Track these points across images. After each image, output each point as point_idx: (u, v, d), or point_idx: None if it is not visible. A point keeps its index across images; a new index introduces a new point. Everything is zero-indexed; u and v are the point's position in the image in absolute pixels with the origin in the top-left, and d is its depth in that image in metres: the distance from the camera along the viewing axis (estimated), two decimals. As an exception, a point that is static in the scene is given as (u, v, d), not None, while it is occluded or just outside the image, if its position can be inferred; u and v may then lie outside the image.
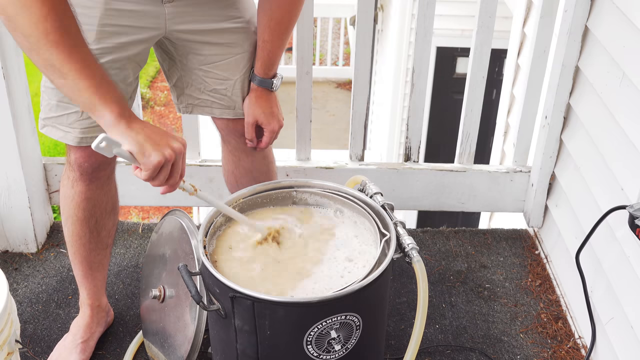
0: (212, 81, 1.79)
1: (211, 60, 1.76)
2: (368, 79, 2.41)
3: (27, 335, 2.11)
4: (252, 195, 1.75)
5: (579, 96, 2.25)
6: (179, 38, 1.72)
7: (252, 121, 1.83)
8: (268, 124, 1.83)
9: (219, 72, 1.78)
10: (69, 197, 1.84)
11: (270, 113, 1.83)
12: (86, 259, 1.94)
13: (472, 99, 2.43)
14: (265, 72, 1.80)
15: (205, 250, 1.57)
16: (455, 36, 5.66)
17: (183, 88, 1.83)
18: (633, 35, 1.87)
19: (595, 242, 2.04)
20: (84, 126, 1.69)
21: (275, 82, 1.81)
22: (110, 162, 1.83)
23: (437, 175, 2.52)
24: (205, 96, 1.82)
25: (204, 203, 2.54)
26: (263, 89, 1.81)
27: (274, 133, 1.85)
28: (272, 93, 1.83)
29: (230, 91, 1.81)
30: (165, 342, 1.89)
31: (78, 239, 1.90)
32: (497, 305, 2.30)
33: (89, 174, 1.79)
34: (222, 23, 1.72)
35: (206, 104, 1.84)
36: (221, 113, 1.85)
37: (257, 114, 1.82)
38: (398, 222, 1.63)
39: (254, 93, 1.82)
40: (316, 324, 1.45)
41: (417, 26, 2.30)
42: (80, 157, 1.75)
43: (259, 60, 1.78)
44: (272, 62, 1.79)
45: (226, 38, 1.74)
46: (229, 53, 1.76)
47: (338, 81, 9.76)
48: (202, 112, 1.86)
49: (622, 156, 1.92)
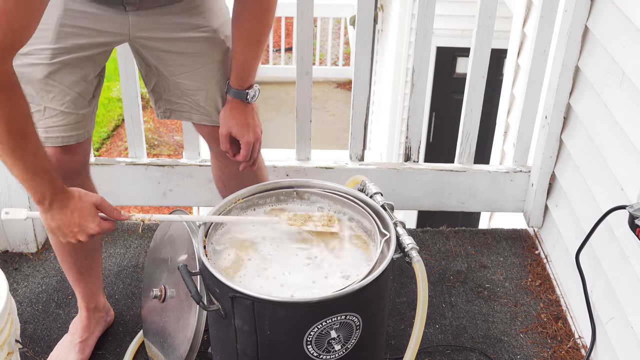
0: (185, 91, 1.78)
1: (179, 70, 1.74)
2: (368, 79, 2.41)
3: (27, 335, 2.11)
4: (251, 195, 1.75)
5: (578, 96, 2.25)
6: (145, 46, 1.70)
7: (225, 133, 1.79)
8: (242, 136, 1.78)
9: (189, 82, 1.76)
10: None
11: (245, 125, 1.78)
12: (74, 265, 1.93)
13: (472, 99, 2.42)
14: (239, 84, 1.76)
15: (205, 250, 1.57)
16: (455, 36, 5.66)
17: (161, 93, 1.81)
18: (633, 35, 1.87)
19: (595, 242, 2.04)
20: (47, 125, 1.67)
21: (250, 94, 1.78)
22: (79, 170, 1.80)
23: (437, 175, 2.52)
24: (182, 101, 1.80)
25: (204, 203, 2.56)
26: (238, 100, 1.78)
27: (249, 145, 1.80)
28: (248, 105, 1.79)
29: (202, 101, 1.79)
30: (165, 342, 1.89)
31: (62, 247, 1.89)
32: (497, 305, 2.30)
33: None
34: (187, 32, 1.70)
35: (184, 109, 1.82)
36: (199, 119, 1.84)
37: (231, 126, 1.78)
38: (398, 222, 1.63)
39: (229, 104, 1.79)
40: (316, 324, 1.45)
41: (417, 26, 2.30)
42: None
43: (234, 71, 1.76)
44: (247, 74, 1.76)
45: (192, 48, 1.72)
46: (196, 63, 1.74)
47: (338, 81, 9.75)
48: (181, 117, 1.85)
49: (622, 156, 1.92)
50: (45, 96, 1.63)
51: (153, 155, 7.62)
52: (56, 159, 1.71)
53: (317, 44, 10.56)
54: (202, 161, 2.48)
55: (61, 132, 1.69)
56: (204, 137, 1.92)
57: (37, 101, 1.65)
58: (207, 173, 2.48)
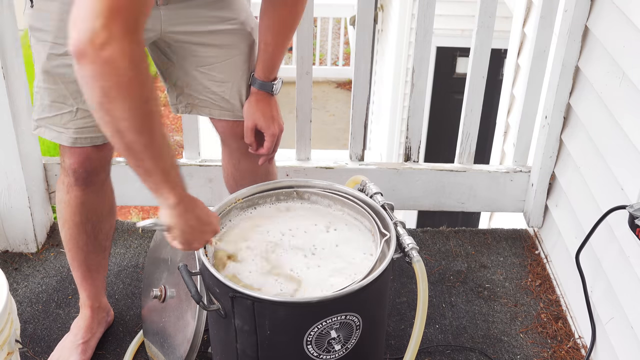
0: (210, 83, 1.78)
1: (208, 62, 1.75)
2: (368, 79, 2.41)
3: (27, 335, 2.11)
4: (251, 195, 1.75)
5: (579, 96, 2.25)
6: (174, 39, 1.71)
7: (251, 125, 1.80)
8: (268, 128, 1.80)
9: (216, 74, 1.77)
10: (65, 202, 1.83)
11: (271, 117, 1.80)
12: (84, 262, 1.94)
13: (472, 99, 2.43)
14: (266, 76, 1.78)
15: (205, 250, 1.57)
16: (455, 36, 5.66)
17: (182, 88, 1.82)
18: (633, 35, 1.87)
19: (595, 242, 2.04)
20: (78, 126, 1.68)
21: (275, 86, 1.80)
22: (104, 166, 1.82)
23: (437, 175, 2.52)
24: (204, 96, 1.81)
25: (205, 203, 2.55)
26: (263, 92, 1.79)
27: (274, 137, 1.82)
28: (272, 97, 1.81)
29: (228, 94, 1.80)
30: (165, 342, 1.89)
31: (75, 243, 1.89)
32: (497, 305, 2.30)
33: (84, 179, 1.77)
34: (217, 25, 1.71)
35: (205, 104, 1.83)
36: (220, 114, 1.84)
37: (257, 118, 1.79)
38: (398, 222, 1.63)
39: (254, 96, 1.80)
40: (316, 324, 1.45)
41: (417, 26, 2.30)
42: (75, 162, 1.74)
43: (260, 63, 1.77)
44: (274, 65, 1.78)
45: (222, 40, 1.74)
46: (225, 55, 1.75)
47: (338, 81, 9.76)
48: (202, 113, 1.85)
49: (622, 156, 1.92)
50: (79, 97, 1.63)
51: (153, 155, 7.59)
52: (86, 156, 1.73)
53: (317, 44, 10.56)
54: (202, 161, 2.48)
55: (92, 132, 1.69)
56: (221, 133, 1.90)
57: (70, 102, 1.66)
58: (207, 173, 2.48)
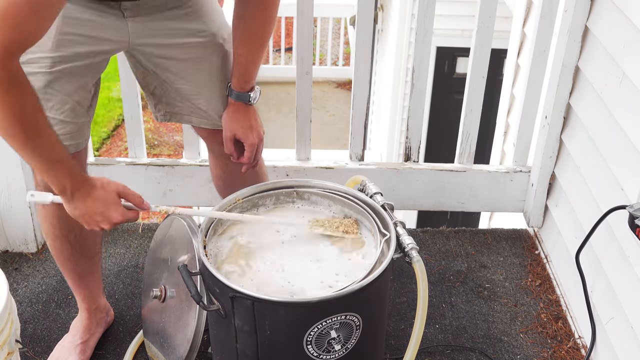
0: (186, 95, 1.77)
1: (179, 75, 1.74)
2: (368, 79, 2.41)
3: (27, 335, 2.11)
4: (252, 195, 1.75)
5: (579, 96, 2.25)
6: (144, 52, 1.70)
7: (230, 135, 1.80)
8: (247, 138, 1.79)
9: (190, 87, 1.76)
10: (42, 217, 1.82)
11: (249, 127, 1.79)
12: (74, 270, 1.93)
13: (472, 99, 2.42)
14: (242, 86, 1.77)
15: (205, 250, 1.57)
16: (455, 36, 5.66)
17: (160, 97, 1.81)
18: (633, 35, 1.87)
19: (595, 242, 2.04)
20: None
21: (252, 96, 1.78)
22: None
23: (437, 175, 2.52)
24: (182, 104, 1.80)
25: (204, 203, 2.56)
26: (240, 102, 1.78)
27: (254, 147, 1.81)
28: (250, 107, 1.80)
29: (203, 105, 1.79)
30: (165, 342, 1.89)
31: (60, 254, 1.89)
32: (497, 305, 2.30)
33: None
34: (186, 38, 1.69)
35: (184, 112, 1.82)
36: (199, 122, 1.83)
37: (235, 129, 1.79)
38: (398, 222, 1.63)
39: (231, 107, 1.79)
40: (316, 324, 1.45)
41: (417, 26, 2.30)
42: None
43: (235, 74, 1.76)
44: (249, 76, 1.76)
45: (191, 52, 1.72)
46: (195, 67, 1.74)
47: (338, 81, 9.75)
48: (181, 121, 1.84)
49: (622, 156, 1.92)
50: (45, 105, 1.61)
51: (153, 155, 7.62)
52: None
53: (317, 44, 10.55)
54: (202, 161, 2.48)
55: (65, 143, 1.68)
56: (204, 139, 1.92)
57: None
58: (207, 173, 2.47)
